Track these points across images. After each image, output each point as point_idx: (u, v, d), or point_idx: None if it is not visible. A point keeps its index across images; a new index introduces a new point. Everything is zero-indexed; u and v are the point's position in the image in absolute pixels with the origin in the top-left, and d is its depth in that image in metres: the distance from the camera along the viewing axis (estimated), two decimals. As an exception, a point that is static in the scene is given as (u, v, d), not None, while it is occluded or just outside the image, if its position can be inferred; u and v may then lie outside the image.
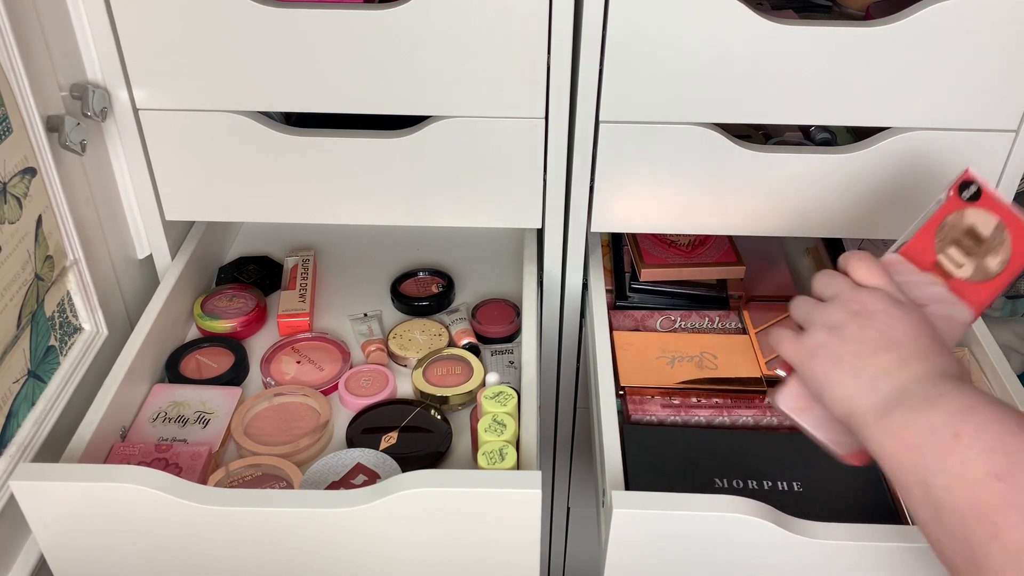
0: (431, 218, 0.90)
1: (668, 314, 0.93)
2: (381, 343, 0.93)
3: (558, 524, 1.21)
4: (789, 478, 0.74)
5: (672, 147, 0.84)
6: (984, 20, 0.76)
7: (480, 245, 1.11)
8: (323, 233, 1.13)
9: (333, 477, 0.76)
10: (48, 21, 0.76)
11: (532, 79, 0.80)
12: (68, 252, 0.81)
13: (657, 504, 0.64)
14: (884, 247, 0.98)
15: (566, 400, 1.04)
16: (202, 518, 0.65)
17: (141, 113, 0.84)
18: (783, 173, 0.85)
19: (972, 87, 0.79)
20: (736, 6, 0.76)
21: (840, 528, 0.64)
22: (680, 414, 0.81)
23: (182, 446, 0.78)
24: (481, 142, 0.84)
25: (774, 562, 0.66)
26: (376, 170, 0.87)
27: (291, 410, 0.84)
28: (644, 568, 0.68)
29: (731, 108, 0.81)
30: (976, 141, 0.83)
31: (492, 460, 0.70)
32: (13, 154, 0.72)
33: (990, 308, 1.16)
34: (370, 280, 1.05)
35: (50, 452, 0.75)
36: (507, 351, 0.94)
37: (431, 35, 0.78)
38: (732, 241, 1.00)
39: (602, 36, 0.77)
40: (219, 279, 1.05)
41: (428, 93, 0.82)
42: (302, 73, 0.81)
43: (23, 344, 0.74)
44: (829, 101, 0.81)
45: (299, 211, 0.90)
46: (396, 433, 0.81)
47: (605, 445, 0.73)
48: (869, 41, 0.77)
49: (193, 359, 0.90)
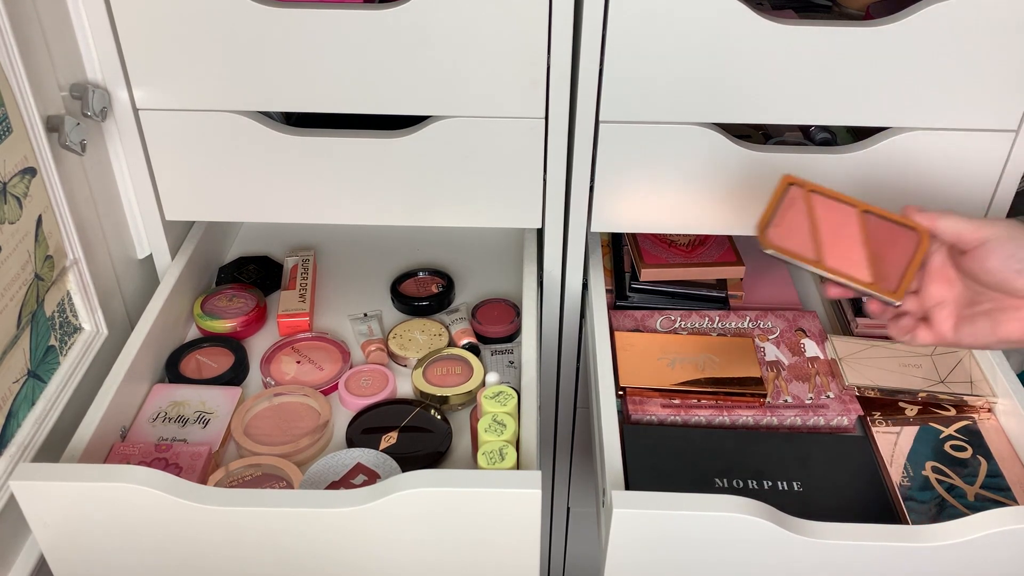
0: (431, 218, 0.90)
1: (668, 314, 0.93)
2: (381, 343, 0.93)
3: (558, 524, 1.21)
4: (789, 478, 0.74)
5: (672, 147, 0.84)
6: (984, 20, 0.76)
7: (480, 245, 1.11)
8: (323, 233, 1.13)
9: (333, 477, 0.76)
10: (48, 21, 0.76)
11: (532, 79, 0.80)
12: (68, 252, 0.81)
13: (657, 504, 0.64)
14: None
15: (566, 400, 1.04)
16: (202, 518, 0.65)
17: (141, 113, 0.84)
18: (783, 173, 0.85)
19: (972, 87, 0.79)
20: (736, 6, 0.76)
21: (840, 528, 0.64)
22: (680, 414, 0.81)
23: (182, 446, 0.78)
24: (481, 142, 0.84)
25: (774, 562, 0.66)
26: (376, 170, 0.87)
27: (291, 410, 0.84)
28: (644, 568, 0.68)
29: (731, 108, 0.81)
30: (976, 141, 0.83)
31: (492, 460, 0.70)
32: (13, 154, 0.72)
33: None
34: (370, 280, 1.05)
35: (50, 452, 0.75)
36: (507, 351, 0.94)
37: (431, 35, 0.78)
38: (732, 241, 1.00)
39: (602, 36, 0.77)
40: (219, 279, 1.05)
41: (428, 93, 0.82)
42: (302, 73, 0.81)
43: (23, 344, 0.74)
44: (829, 101, 0.81)
45: (299, 211, 0.90)
46: (396, 433, 0.81)
47: (605, 445, 0.73)
48: (869, 41, 0.77)
49: (193, 359, 0.90)
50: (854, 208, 0.70)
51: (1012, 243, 0.62)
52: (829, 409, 0.81)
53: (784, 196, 0.70)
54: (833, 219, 0.70)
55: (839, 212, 0.70)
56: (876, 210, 0.70)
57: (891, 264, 0.68)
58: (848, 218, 0.70)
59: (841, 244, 0.69)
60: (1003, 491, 0.74)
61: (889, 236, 0.69)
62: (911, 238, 0.68)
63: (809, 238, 0.69)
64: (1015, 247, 0.62)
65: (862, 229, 0.69)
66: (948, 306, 0.68)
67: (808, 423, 0.81)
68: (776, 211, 0.70)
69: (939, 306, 0.68)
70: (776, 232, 0.69)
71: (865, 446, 0.78)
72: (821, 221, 0.70)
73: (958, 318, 0.67)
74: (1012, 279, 0.62)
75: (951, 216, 0.66)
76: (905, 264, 0.68)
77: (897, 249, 0.68)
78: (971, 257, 0.64)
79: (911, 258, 0.68)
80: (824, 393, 0.83)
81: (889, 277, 0.68)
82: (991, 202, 0.87)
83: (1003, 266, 0.62)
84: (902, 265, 0.68)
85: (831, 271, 0.68)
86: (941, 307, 0.68)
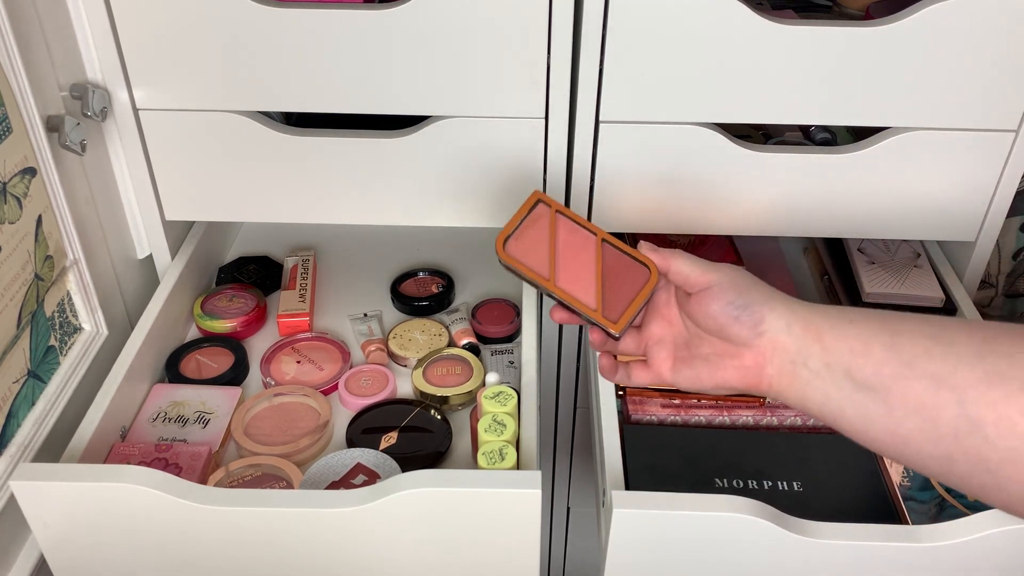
0: (431, 218, 0.90)
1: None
2: (381, 343, 0.93)
3: (558, 524, 1.21)
4: (789, 478, 0.74)
5: (672, 147, 0.84)
6: (984, 20, 0.76)
7: (480, 245, 1.11)
8: (323, 233, 1.13)
9: (333, 477, 0.76)
10: (48, 21, 0.76)
11: (532, 79, 0.80)
12: (68, 252, 0.81)
13: (657, 504, 0.64)
14: (884, 247, 0.98)
15: (566, 400, 1.04)
16: (202, 518, 0.65)
17: (141, 113, 0.84)
18: (783, 173, 0.85)
19: (972, 87, 0.80)
20: (736, 6, 0.76)
21: (840, 528, 0.64)
22: (680, 414, 0.81)
23: (182, 446, 0.78)
24: (481, 142, 0.84)
25: (774, 562, 0.66)
26: (376, 170, 0.87)
27: (291, 410, 0.84)
28: (644, 568, 0.68)
29: (731, 108, 0.81)
30: (976, 141, 0.83)
31: (492, 460, 0.70)
32: (13, 154, 0.72)
33: (990, 308, 1.16)
34: (370, 280, 1.05)
35: (50, 452, 0.75)
36: (507, 351, 0.94)
37: (431, 35, 0.78)
38: (732, 241, 1.00)
39: (602, 36, 0.77)
40: (219, 279, 1.05)
41: (428, 93, 0.82)
42: (302, 73, 0.81)
43: (23, 344, 0.74)
44: (829, 101, 0.81)
45: (299, 211, 0.90)
46: (396, 433, 0.81)
47: (605, 445, 0.73)
48: (869, 41, 0.77)
49: (193, 359, 0.90)
50: (595, 236, 0.69)
51: (733, 290, 0.62)
52: (829, 409, 0.81)
53: (530, 212, 0.69)
54: (573, 242, 0.69)
55: (580, 236, 0.69)
56: (615, 241, 0.69)
57: (619, 296, 0.67)
58: (587, 244, 0.69)
59: (575, 268, 0.68)
60: (1003, 491, 0.74)
61: (622, 268, 0.68)
62: (642, 273, 0.67)
63: (546, 257, 0.68)
64: (735, 294, 0.61)
65: (598, 257, 0.68)
66: (667, 347, 0.67)
67: (808, 423, 0.81)
68: (519, 225, 0.69)
69: (658, 345, 0.67)
70: (515, 245, 0.68)
71: (865, 446, 0.78)
72: (561, 243, 0.69)
73: (676, 359, 0.66)
74: (729, 324, 0.61)
75: (682, 257, 0.65)
76: (631, 297, 0.67)
77: (627, 282, 0.67)
78: (695, 300, 0.64)
79: (638, 292, 0.67)
80: (824, 393, 0.83)
81: (614, 308, 0.67)
82: (991, 202, 0.87)
83: (721, 311, 0.61)
84: (629, 298, 0.67)
85: (559, 293, 0.67)
86: (660, 346, 0.67)
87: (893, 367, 0.54)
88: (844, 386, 0.56)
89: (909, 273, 0.94)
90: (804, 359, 0.58)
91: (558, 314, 0.70)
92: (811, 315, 0.59)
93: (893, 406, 0.54)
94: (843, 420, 0.57)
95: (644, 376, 0.68)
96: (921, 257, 0.97)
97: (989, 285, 1.13)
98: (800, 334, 0.58)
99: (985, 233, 0.89)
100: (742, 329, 0.60)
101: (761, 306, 0.60)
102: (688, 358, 0.65)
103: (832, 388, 0.57)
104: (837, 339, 0.57)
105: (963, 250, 0.93)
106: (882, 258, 0.97)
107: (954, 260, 0.96)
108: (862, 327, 0.57)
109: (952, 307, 0.90)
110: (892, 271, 0.94)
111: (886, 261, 0.96)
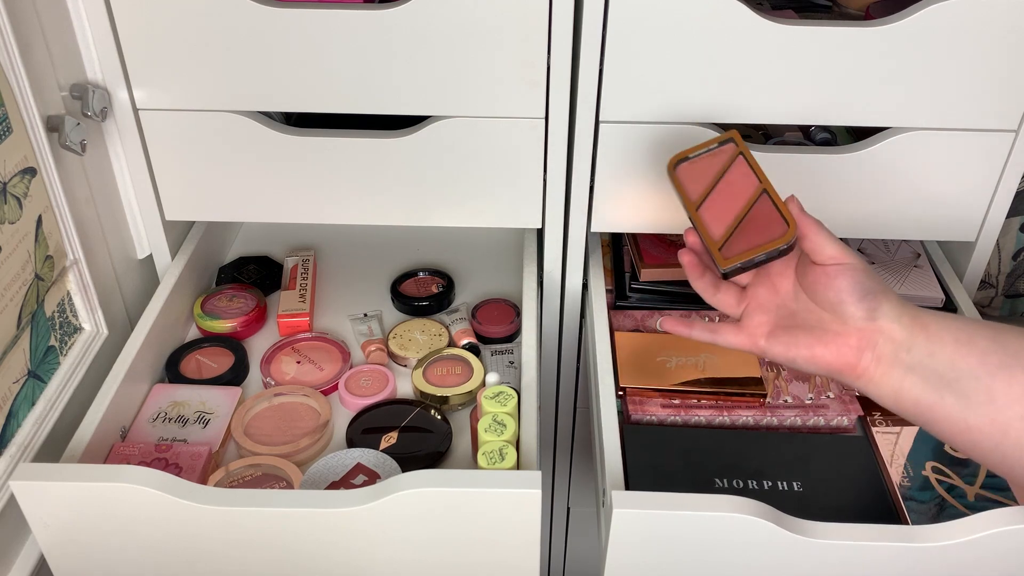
0: (431, 218, 0.90)
1: (668, 314, 0.93)
2: (381, 343, 0.93)
3: (558, 524, 1.21)
4: (789, 478, 0.74)
5: (672, 147, 0.83)
6: (984, 20, 0.76)
7: (480, 245, 1.11)
8: (323, 233, 1.13)
9: (333, 477, 0.76)
10: (48, 21, 0.76)
11: (532, 79, 0.80)
12: (68, 252, 0.81)
13: (657, 504, 0.64)
14: (884, 247, 0.98)
15: (566, 400, 1.04)
16: (202, 518, 0.65)
17: (141, 113, 0.84)
18: (783, 173, 0.85)
19: (972, 87, 0.79)
20: (736, 6, 0.76)
21: (840, 528, 0.64)
22: (680, 414, 0.81)
23: (182, 446, 0.78)
24: (481, 142, 0.84)
25: (774, 562, 0.66)
26: (376, 170, 0.87)
27: (291, 410, 0.84)
28: (644, 568, 0.68)
29: (731, 108, 0.81)
30: (976, 141, 0.83)
31: (492, 460, 0.70)
32: (13, 154, 0.72)
33: (990, 308, 1.16)
34: (370, 280, 1.05)
35: (50, 452, 0.75)
36: (507, 351, 0.94)
37: (431, 35, 0.78)
38: (732, 241, 1.00)
39: (602, 36, 0.77)
40: (219, 279, 1.05)
41: (428, 93, 0.82)
42: (302, 73, 0.81)
43: (23, 344, 0.74)
44: (829, 101, 0.81)
45: (299, 211, 0.90)
46: (396, 433, 0.81)
47: (605, 445, 0.73)
48: (869, 41, 0.77)
49: (193, 359, 0.90)
50: (758, 182, 0.70)
51: (864, 273, 0.64)
52: (829, 409, 0.81)
53: (718, 145, 0.72)
54: (735, 182, 0.71)
55: (745, 180, 0.70)
56: (774, 194, 0.69)
57: (747, 241, 0.68)
58: (747, 188, 0.70)
59: (722, 204, 0.70)
60: (1003, 491, 0.74)
61: (765, 218, 0.68)
62: (780, 229, 0.67)
63: (705, 188, 0.71)
64: (865, 276, 0.64)
65: (749, 202, 0.69)
66: (769, 312, 0.68)
67: (808, 423, 0.81)
68: (701, 153, 0.72)
69: (759, 309, 0.68)
70: (686, 169, 0.72)
71: (865, 446, 0.78)
72: (725, 180, 0.71)
73: (775, 326, 0.67)
74: (852, 302, 0.63)
75: (823, 228, 0.66)
76: (758, 245, 0.67)
77: (762, 232, 0.68)
78: (823, 272, 0.65)
79: (766, 243, 0.67)
80: (824, 393, 0.83)
81: (734, 249, 0.67)
82: (991, 202, 0.87)
83: (850, 288, 0.63)
84: (754, 245, 0.67)
85: (695, 217, 0.70)
86: (761, 311, 0.68)
87: (1000, 357, 0.58)
88: (946, 374, 0.59)
89: (909, 273, 0.94)
90: (908, 347, 0.62)
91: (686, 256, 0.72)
92: (918, 312, 0.63)
93: (996, 393, 0.57)
94: (939, 408, 0.60)
95: (734, 338, 0.70)
96: (921, 257, 0.97)
97: (989, 285, 1.13)
98: (908, 324, 0.62)
99: (985, 233, 0.89)
100: (860, 310, 0.63)
101: (880, 295, 0.64)
102: (791, 327, 0.66)
103: (932, 376, 0.60)
104: (942, 329, 0.61)
105: (963, 250, 0.93)
106: (882, 258, 0.97)
107: (954, 260, 0.96)
108: (965, 322, 0.62)
109: (952, 307, 0.90)
110: (892, 271, 0.95)
111: (886, 261, 0.96)
